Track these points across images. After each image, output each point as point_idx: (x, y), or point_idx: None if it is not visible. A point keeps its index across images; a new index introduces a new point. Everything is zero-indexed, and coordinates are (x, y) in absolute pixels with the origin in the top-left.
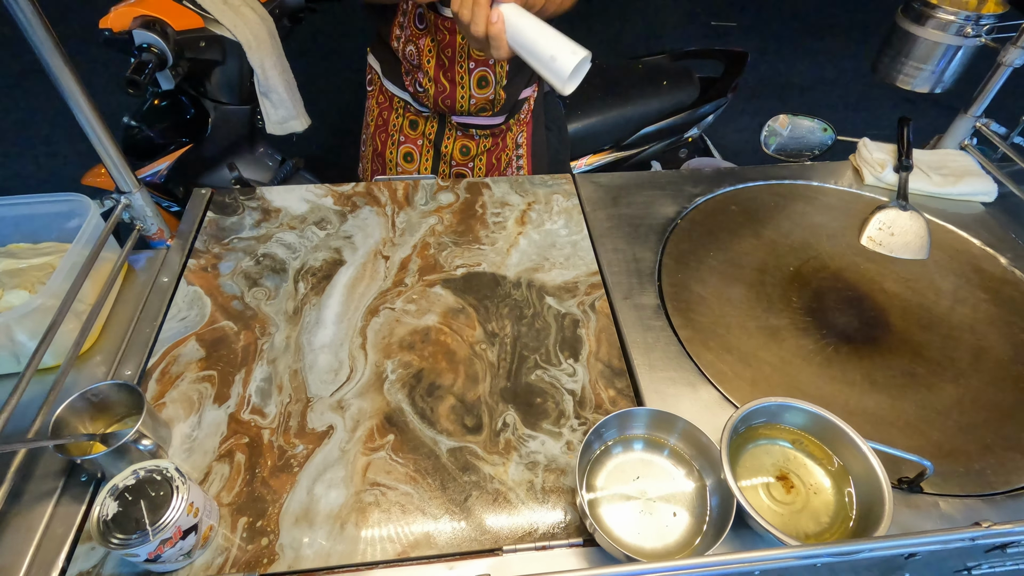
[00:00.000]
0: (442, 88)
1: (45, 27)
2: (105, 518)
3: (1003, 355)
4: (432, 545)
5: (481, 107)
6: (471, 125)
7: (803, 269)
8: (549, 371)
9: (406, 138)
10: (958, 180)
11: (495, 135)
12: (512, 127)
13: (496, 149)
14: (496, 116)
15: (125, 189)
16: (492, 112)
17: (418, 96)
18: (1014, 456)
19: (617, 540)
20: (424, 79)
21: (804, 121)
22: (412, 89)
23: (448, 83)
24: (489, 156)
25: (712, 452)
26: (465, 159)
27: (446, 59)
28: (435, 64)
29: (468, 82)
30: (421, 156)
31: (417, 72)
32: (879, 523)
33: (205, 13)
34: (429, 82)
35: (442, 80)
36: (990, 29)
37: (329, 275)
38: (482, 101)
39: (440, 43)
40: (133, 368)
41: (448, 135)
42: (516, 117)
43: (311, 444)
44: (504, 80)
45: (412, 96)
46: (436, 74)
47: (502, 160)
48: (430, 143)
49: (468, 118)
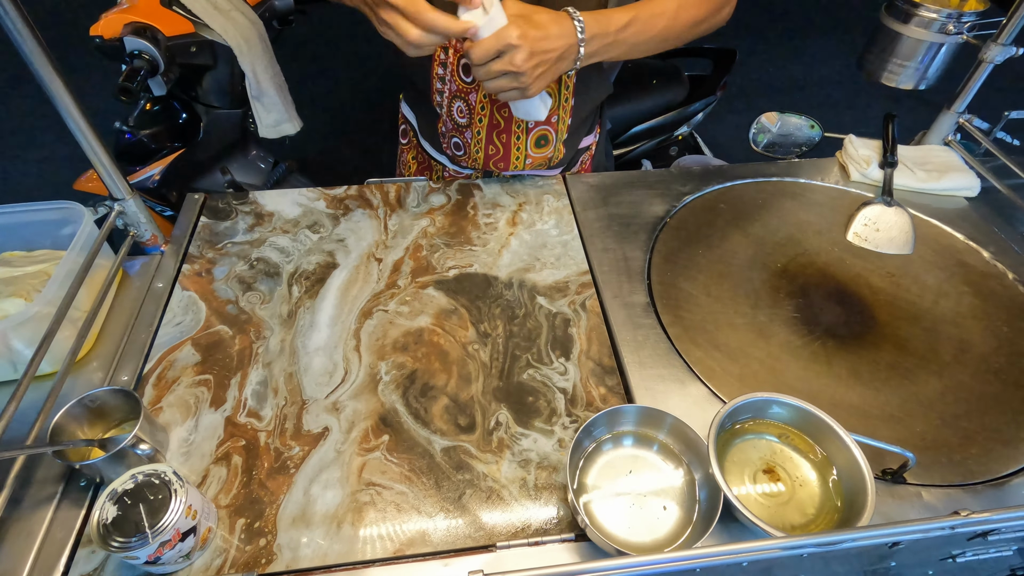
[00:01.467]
0: (495, 150)
1: (34, 36)
2: (105, 522)
3: (985, 347)
4: (427, 543)
5: (537, 164)
6: (523, 176)
7: (790, 265)
8: (541, 370)
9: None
10: (942, 175)
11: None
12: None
13: None
14: (552, 169)
15: (118, 196)
16: (548, 166)
17: (458, 160)
18: (995, 446)
19: (608, 535)
20: (473, 141)
21: (792, 118)
22: (450, 152)
23: (502, 146)
24: None
25: (700, 447)
26: None
27: (502, 119)
28: (488, 124)
29: (525, 143)
30: None
31: (464, 132)
32: (862, 514)
33: (195, 18)
34: (479, 144)
35: (496, 141)
36: (971, 26)
37: (322, 278)
38: (539, 160)
39: (495, 102)
40: (129, 373)
41: None
42: (577, 164)
43: (307, 446)
44: (565, 135)
45: (450, 159)
46: (489, 134)
47: None
48: None
49: (521, 172)
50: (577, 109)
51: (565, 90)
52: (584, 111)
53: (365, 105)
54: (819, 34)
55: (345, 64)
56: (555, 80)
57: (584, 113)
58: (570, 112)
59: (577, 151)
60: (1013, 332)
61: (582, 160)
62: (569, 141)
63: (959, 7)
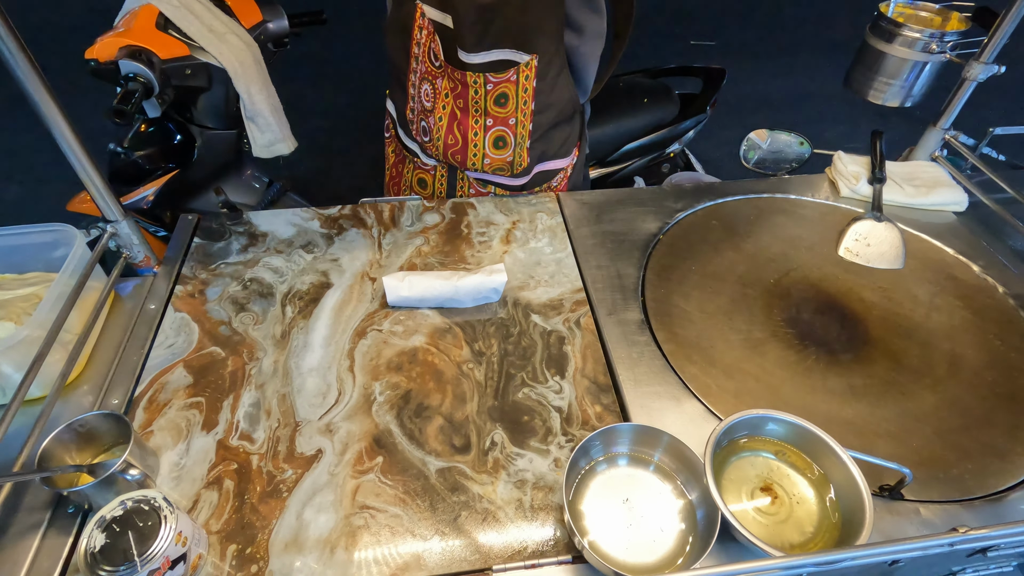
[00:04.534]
0: (454, 141)
1: (28, 58)
2: (92, 550)
3: (978, 361)
4: (422, 567)
5: (497, 167)
6: (488, 181)
7: (783, 281)
8: (536, 389)
9: (417, 195)
10: (930, 191)
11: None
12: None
13: None
14: (516, 178)
15: (111, 218)
16: (511, 174)
17: (425, 147)
18: (991, 461)
19: (605, 556)
20: (435, 126)
21: (782, 135)
22: (419, 138)
23: (460, 137)
24: None
25: (697, 465)
26: None
27: (458, 110)
28: (449, 112)
29: (483, 140)
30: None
31: (429, 117)
32: (860, 532)
33: (190, 41)
34: (440, 130)
35: (455, 132)
36: (954, 45)
37: (316, 298)
38: (498, 162)
39: (453, 90)
40: (120, 397)
41: (460, 189)
42: (547, 185)
43: (300, 468)
44: (527, 141)
45: (420, 147)
46: (449, 123)
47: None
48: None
49: (483, 175)
50: (539, 115)
51: (523, 93)
52: (547, 117)
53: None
54: (808, 52)
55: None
56: (513, 84)
57: (547, 120)
58: (530, 117)
59: (548, 171)
60: (1005, 346)
61: (557, 178)
62: (534, 151)
63: (941, 27)
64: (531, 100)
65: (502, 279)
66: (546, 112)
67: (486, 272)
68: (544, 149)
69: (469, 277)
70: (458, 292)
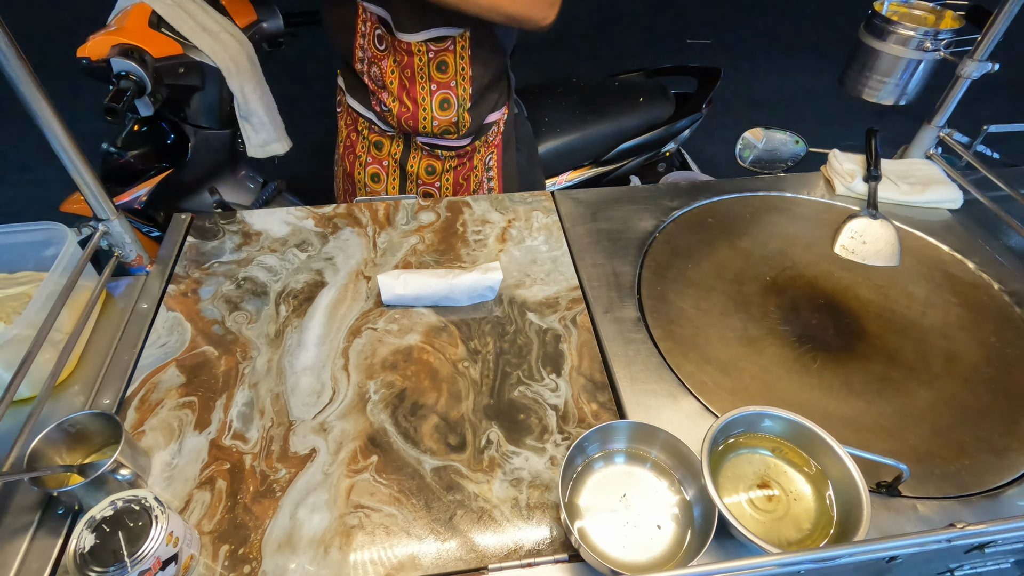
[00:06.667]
0: (405, 108)
1: (19, 56)
2: (82, 551)
3: (974, 357)
4: (417, 566)
5: (445, 128)
6: (436, 146)
7: (779, 279)
8: (532, 387)
9: (373, 159)
10: (925, 188)
11: (460, 156)
12: (480, 148)
13: (463, 169)
14: (461, 138)
15: (103, 217)
16: (457, 135)
17: (384, 116)
18: (987, 457)
19: (602, 554)
20: (388, 99)
21: (777, 134)
22: (378, 109)
23: (411, 103)
24: (456, 175)
25: (694, 463)
26: (431, 178)
27: (406, 80)
28: (398, 85)
29: (430, 104)
30: (388, 176)
31: (383, 92)
32: (857, 528)
33: (184, 40)
34: (393, 102)
35: (405, 101)
36: (948, 43)
37: (311, 297)
38: (445, 123)
39: (400, 64)
40: (112, 397)
41: (413, 155)
42: (484, 139)
43: (294, 468)
44: (468, 103)
45: (378, 116)
46: (400, 94)
47: (470, 180)
48: (396, 163)
49: (433, 139)
50: (476, 79)
51: (460, 60)
52: (483, 81)
53: None
54: (803, 50)
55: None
56: (451, 53)
57: (483, 83)
58: (469, 81)
59: (484, 124)
60: (1001, 342)
61: (491, 132)
62: (474, 112)
63: (935, 25)
64: (468, 67)
65: (498, 277)
66: (484, 75)
67: (482, 270)
68: (482, 109)
69: (465, 275)
70: (454, 290)
